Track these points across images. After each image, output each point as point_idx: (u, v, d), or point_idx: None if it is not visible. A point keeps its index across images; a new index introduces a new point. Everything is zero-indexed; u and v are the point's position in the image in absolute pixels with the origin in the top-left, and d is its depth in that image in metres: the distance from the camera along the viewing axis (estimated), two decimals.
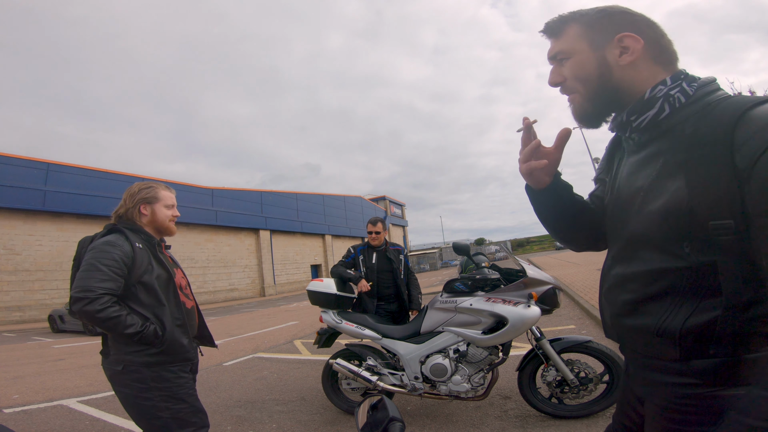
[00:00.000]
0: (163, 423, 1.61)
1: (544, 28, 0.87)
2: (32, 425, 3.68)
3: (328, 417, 3.19)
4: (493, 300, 2.61)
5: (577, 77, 0.82)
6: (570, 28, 0.83)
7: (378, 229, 3.65)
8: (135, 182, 1.92)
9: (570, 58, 0.83)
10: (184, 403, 1.67)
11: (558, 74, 0.85)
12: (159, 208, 1.83)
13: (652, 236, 0.75)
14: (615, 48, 0.78)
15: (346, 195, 41.69)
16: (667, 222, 0.71)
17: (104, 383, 5.12)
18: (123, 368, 1.62)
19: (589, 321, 5.83)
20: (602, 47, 0.80)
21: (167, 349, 1.65)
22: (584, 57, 0.81)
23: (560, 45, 0.84)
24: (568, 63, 0.83)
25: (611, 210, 0.90)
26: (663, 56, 0.79)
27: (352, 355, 3.15)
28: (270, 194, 30.69)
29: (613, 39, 0.78)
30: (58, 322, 13.38)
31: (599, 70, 0.80)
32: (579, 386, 2.60)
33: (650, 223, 0.75)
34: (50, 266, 17.79)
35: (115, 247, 1.62)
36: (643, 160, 0.80)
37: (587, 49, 0.81)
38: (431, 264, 49.89)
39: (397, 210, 54.14)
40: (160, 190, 1.85)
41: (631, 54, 0.77)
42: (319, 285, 3.23)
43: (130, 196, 1.81)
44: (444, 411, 3.06)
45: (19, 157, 17.31)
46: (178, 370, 1.70)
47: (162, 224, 1.84)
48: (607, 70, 0.79)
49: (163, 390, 1.63)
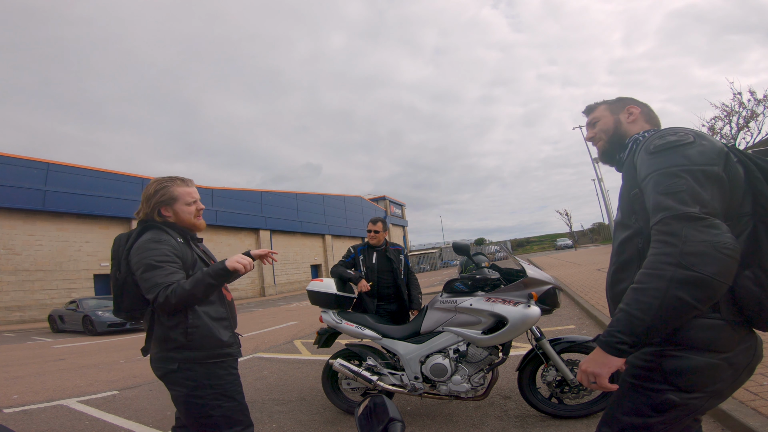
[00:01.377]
0: (213, 422, 1.60)
1: (585, 109, 1.44)
2: (32, 425, 3.68)
3: (328, 417, 3.19)
4: (493, 300, 2.61)
5: (602, 130, 1.36)
6: (600, 106, 1.39)
7: (378, 228, 3.65)
8: (150, 180, 1.79)
9: (599, 120, 1.37)
10: (234, 401, 1.65)
11: (592, 132, 1.40)
12: (180, 208, 1.73)
13: (620, 218, 1.18)
14: (625, 113, 1.32)
15: (346, 195, 41.69)
16: (622, 203, 1.17)
17: (104, 383, 5.12)
18: (177, 367, 1.60)
19: (589, 321, 5.83)
20: (618, 113, 1.33)
21: (207, 345, 1.62)
22: (607, 120, 1.35)
23: (594, 115, 1.39)
24: (598, 124, 1.37)
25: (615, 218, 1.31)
26: (651, 120, 1.31)
27: (352, 355, 3.15)
28: (270, 194, 30.70)
29: (624, 108, 1.33)
30: (58, 322, 13.39)
31: (614, 125, 1.33)
32: (579, 386, 2.59)
33: (619, 210, 1.20)
34: (50, 266, 17.80)
35: (161, 243, 1.60)
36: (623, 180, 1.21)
37: (609, 115, 1.35)
38: (431, 264, 49.88)
39: (397, 210, 54.14)
40: (175, 188, 1.73)
41: (633, 115, 1.31)
42: (319, 285, 3.23)
43: (146, 200, 1.72)
44: (444, 411, 3.06)
45: (19, 157, 17.32)
46: (229, 367, 1.68)
47: (188, 223, 1.76)
48: (620, 125, 1.32)
49: (215, 388, 1.61)
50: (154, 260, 1.56)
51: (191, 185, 1.80)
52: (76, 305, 13.09)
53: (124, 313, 1.73)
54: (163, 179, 1.76)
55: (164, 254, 1.58)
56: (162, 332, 1.62)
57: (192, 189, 1.79)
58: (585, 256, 22.33)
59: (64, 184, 18.26)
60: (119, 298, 1.70)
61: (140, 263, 1.57)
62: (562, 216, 51.08)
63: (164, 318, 1.60)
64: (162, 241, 1.61)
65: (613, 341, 0.96)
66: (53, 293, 17.63)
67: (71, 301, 13.80)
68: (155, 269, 1.55)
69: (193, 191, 1.78)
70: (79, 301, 13.28)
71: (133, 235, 1.68)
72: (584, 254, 24.64)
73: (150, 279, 1.54)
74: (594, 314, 5.74)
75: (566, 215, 51.48)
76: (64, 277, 18.19)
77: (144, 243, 1.60)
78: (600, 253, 22.26)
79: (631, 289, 0.97)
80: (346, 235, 39.26)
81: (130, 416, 3.69)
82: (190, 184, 1.79)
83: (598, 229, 57.05)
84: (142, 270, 1.56)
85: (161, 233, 1.65)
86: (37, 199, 17.31)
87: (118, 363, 6.65)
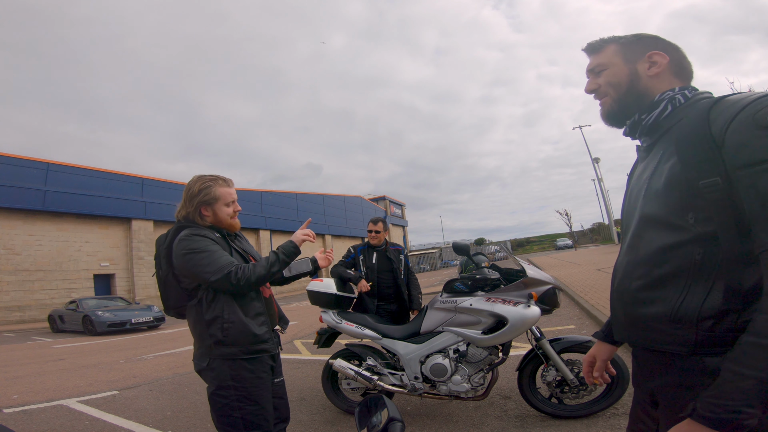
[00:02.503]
0: (232, 421, 1.62)
1: (585, 47, 1.03)
2: (32, 425, 3.68)
3: (328, 417, 3.19)
4: (493, 300, 2.61)
5: (610, 83, 0.98)
6: (609, 47, 0.99)
7: (378, 228, 3.65)
8: (193, 177, 1.79)
9: (606, 69, 0.99)
10: (257, 405, 1.65)
11: (594, 83, 1.02)
12: (220, 208, 1.75)
13: (658, 213, 0.83)
14: (645, 62, 0.94)
15: (346, 195, 41.68)
16: (670, 194, 0.80)
17: (104, 383, 5.12)
18: (207, 365, 1.64)
19: (589, 321, 5.83)
20: (634, 62, 0.95)
21: (242, 340, 1.64)
22: (618, 69, 0.97)
23: (599, 59, 1.00)
24: (604, 73, 0.99)
25: (625, 208, 1.00)
26: (682, 73, 0.94)
27: (352, 355, 3.15)
28: (269, 194, 30.69)
29: (644, 56, 0.94)
30: (58, 322, 13.38)
31: (629, 78, 0.95)
32: (579, 386, 2.60)
33: (655, 200, 0.84)
34: (50, 266, 17.78)
35: (202, 236, 1.64)
36: (649, 160, 0.92)
37: (621, 62, 0.97)
38: (431, 264, 49.88)
39: (397, 210, 54.14)
40: (218, 189, 1.75)
41: (658, 67, 0.93)
42: (319, 285, 3.23)
43: (189, 199, 1.73)
44: (444, 411, 3.06)
45: (19, 157, 17.31)
46: (257, 369, 1.68)
47: (224, 223, 1.78)
48: (636, 79, 0.95)
49: (239, 390, 1.62)
50: (204, 246, 1.60)
51: (231, 186, 1.82)
52: (76, 305, 13.08)
53: (172, 311, 1.81)
54: (206, 178, 1.77)
55: (211, 242, 1.63)
56: (201, 329, 1.66)
57: (232, 190, 1.81)
58: (585, 256, 22.33)
59: (64, 184, 18.25)
60: (165, 296, 1.78)
61: (187, 252, 1.60)
62: (562, 216, 51.11)
63: (204, 314, 1.64)
64: (201, 235, 1.65)
65: (737, 419, 0.64)
66: (53, 293, 17.61)
67: (71, 301, 13.79)
68: (212, 253, 1.60)
69: (233, 192, 1.81)
70: (79, 301, 13.28)
71: (170, 233, 1.71)
72: (584, 254, 24.65)
73: (209, 263, 1.58)
74: (594, 314, 5.74)
75: (566, 215, 51.50)
76: (64, 277, 18.17)
77: (186, 236, 1.64)
78: (600, 253, 22.26)
79: (754, 345, 0.65)
80: (346, 235, 39.24)
81: (130, 416, 3.69)
82: (230, 185, 1.82)
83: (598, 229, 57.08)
84: (192, 256, 1.59)
85: (200, 228, 1.69)
86: (37, 199, 17.30)
87: (118, 363, 6.65)
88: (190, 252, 1.60)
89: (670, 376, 0.81)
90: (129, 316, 12.28)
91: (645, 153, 0.95)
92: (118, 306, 13.45)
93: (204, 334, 1.65)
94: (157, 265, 1.75)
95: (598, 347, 1.13)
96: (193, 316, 1.70)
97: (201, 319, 1.65)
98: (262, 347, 1.70)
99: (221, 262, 1.59)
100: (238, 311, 1.65)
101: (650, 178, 0.86)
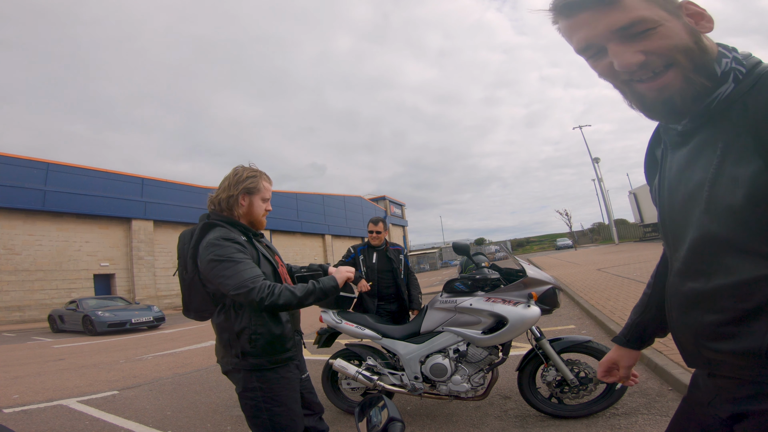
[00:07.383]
0: (261, 422, 1.61)
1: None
2: (32, 425, 3.68)
3: (328, 417, 3.18)
4: (493, 300, 2.61)
5: (676, 47, 0.62)
6: None
7: (379, 228, 3.65)
8: (238, 166, 1.76)
9: (660, 26, 0.62)
10: (284, 407, 1.63)
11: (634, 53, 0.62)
12: (257, 201, 1.73)
13: (738, 238, 0.61)
14: (685, 16, 0.64)
15: (346, 195, 41.70)
16: (757, 216, 0.58)
17: (104, 383, 5.12)
18: (233, 367, 1.62)
19: (589, 321, 5.83)
20: (678, 14, 0.63)
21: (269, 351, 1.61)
22: (672, 24, 0.62)
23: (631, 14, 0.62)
24: (655, 34, 0.62)
25: (667, 214, 0.78)
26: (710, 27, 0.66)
27: (352, 355, 3.15)
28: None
29: (681, 5, 0.65)
30: (58, 322, 13.38)
31: (693, 37, 0.62)
32: (579, 386, 2.60)
33: (731, 219, 0.61)
34: (50, 266, 17.79)
35: (230, 241, 1.58)
36: (696, 150, 0.68)
37: (667, 15, 0.63)
38: (431, 264, 49.87)
39: (397, 210, 54.15)
40: (263, 181, 1.74)
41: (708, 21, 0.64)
42: None
43: (235, 182, 1.69)
44: (444, 411, 3.06)
45: (19, 157, 17.32)
46: (282, 370, 1.66)
47: (256, 218, 1.75)
48: (699, 39, 0.63)
49: (265, 391, 1.60)
50: (233, 256, 1.54)
51: (271, 184, 1.82)
52: (76, 305, 13.09)
53: (193, 314, 1.73)
54: (254, 169, 1.76)
55: (237, 250, 1.57)
56: (227, 337, 1.61)
57: (271, 188, 1.81)
58: (585, 256, 22.32)
59: (64, 184, 18.26)
60: (188, 298, 1.69)
61: (212, 259, 1.54)
62: (562, 216, 50.86)
63: (233, 323, 1.59)
64: (230, 239, 1.59)
65: None
66: (53, 293, 17.62)
67: (71, 301, 13.79)
68: (237, 263, 1.53)
69: (270, 190, 1.81)
70: (79, 301, 13.28)
71: (197, 232, 1.64)
72: (584, 254, 24.64)
73: (236, 274, 1.51)
74: (594, 314, 5.74)
75: (566, 215, 51.40)
76: (64, 277, 18.18)
77: (214, 239, 1.57)
78: (600, 253, 22.26)
79: None
80: (346, 235, 39.26)
81: (130, 416, 3.69)
82: (271, 183, 1.82)
83: (598, 229, 57.09)
84: (215, 264, 1.53)
85: (227, 231, 1.62)
86: (37, 199, 17.30)
87: (118, 363, 6.65)
88: (215, 259, 1.54)
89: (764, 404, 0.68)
90: (129, 316, 12.29)
91: (682, 138, 0.71)
92: (118, 306, 13.46)
93: (230, 343, 1.61)
94: (182, 265, 1.67)
95: (620, 353, 1.02)
96: (218, 323, 1.65)
97: (228, 327, 1.61)
98: (288, 356, 1.68)
99: (244, 275, 1.51)
100: (267, 321, 1.61)
101: (713, 183, 0.63)
